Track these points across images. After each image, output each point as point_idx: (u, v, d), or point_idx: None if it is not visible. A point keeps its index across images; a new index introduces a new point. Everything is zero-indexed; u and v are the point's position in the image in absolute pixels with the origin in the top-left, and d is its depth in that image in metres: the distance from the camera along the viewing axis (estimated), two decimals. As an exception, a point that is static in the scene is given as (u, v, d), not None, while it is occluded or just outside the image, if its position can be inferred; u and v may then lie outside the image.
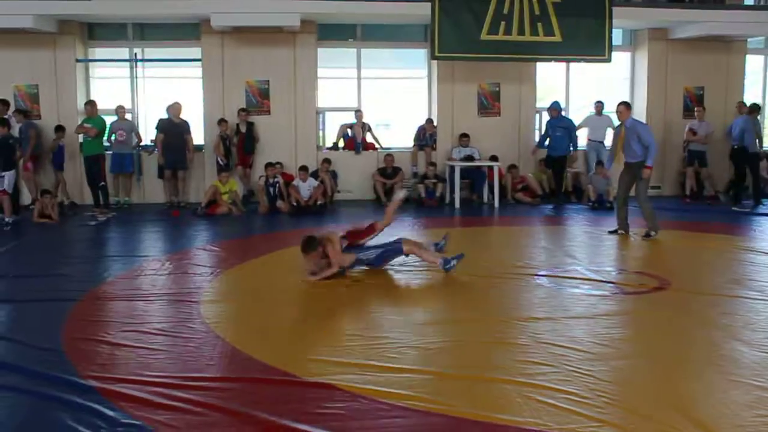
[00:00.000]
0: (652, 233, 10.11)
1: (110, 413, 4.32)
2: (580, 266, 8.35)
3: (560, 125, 13.89)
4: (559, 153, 13.87)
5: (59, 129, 13.34)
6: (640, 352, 5.47)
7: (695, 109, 14.67)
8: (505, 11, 13.32)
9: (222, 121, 13.71)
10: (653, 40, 14.98)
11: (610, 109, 14.80)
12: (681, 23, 14.28)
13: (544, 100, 15.16)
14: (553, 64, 14.81)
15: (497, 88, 14.74)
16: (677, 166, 15.09)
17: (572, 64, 15.04)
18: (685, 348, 5.62)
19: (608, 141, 14.48)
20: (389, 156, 14.20)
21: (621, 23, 14.32)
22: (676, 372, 5.03)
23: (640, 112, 15.24)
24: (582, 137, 14.78)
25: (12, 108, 12.99)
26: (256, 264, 8.25)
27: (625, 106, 10.44)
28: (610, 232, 10.45)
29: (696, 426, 4.10)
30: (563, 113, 14.54)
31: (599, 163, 13.81)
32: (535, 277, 7.85)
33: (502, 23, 13.35)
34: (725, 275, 8.08)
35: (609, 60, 13.93)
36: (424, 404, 4.41)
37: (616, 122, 14.84)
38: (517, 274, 7.96)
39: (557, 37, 13.48)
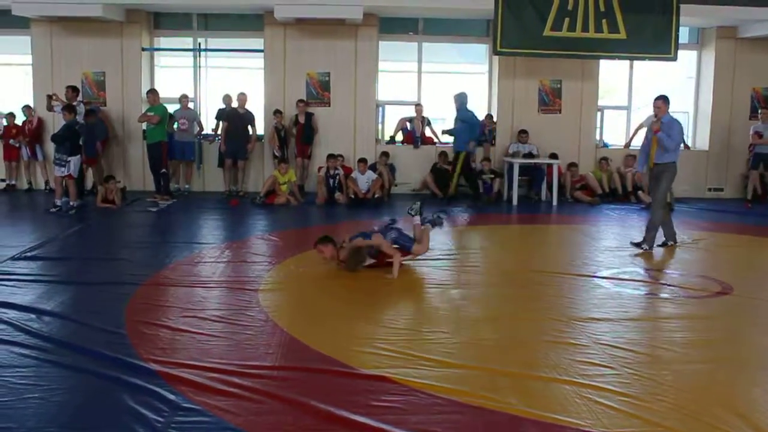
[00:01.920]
0: (644, 246, 9.21)
1: (171, 397, 4.40)
2: (640, 268, 8.23)
3: (461, 118, 13.18)
4: (456, 148, 13.28)
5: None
6: (701, 356, 5.35)
7: (759, 111, 14.29)
8: (570, 7, 13.15)
9: (277, 113, 13.81)
10: (721, 39, 14.64)
11: (674, 109, 14.58)
12: (751, 21, 13.91)
13: (605, 98, 14.97)
14: (616, 61, 14.58)
15: (559, 85, 14.58)
16: (741, 169, 14.73)
17: (636, 62, 14.77)
18: (746, 354, 5.51)
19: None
20: (442, 153, 14.12)
21: (688, 21, 14.01)
22: (738, 378, 4.93)
23: (705, 113, 14.97)
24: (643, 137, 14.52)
25: (80, 96, 13.27)
26: (314, 254, 8.30)
27: (662, 101, 9.41)
28: (659, 246, 9.47)
29: (759, 434, 4.03)
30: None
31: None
32: (594, 277, 7.75)
33: (566, 20, 13.18)
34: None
35: (675, 59, 13.66)
36: (481, 401, 4.40)
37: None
38: (576, 274, 7.87)
39: (622, 35, 13.24)
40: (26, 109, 13.93)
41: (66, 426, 4.07)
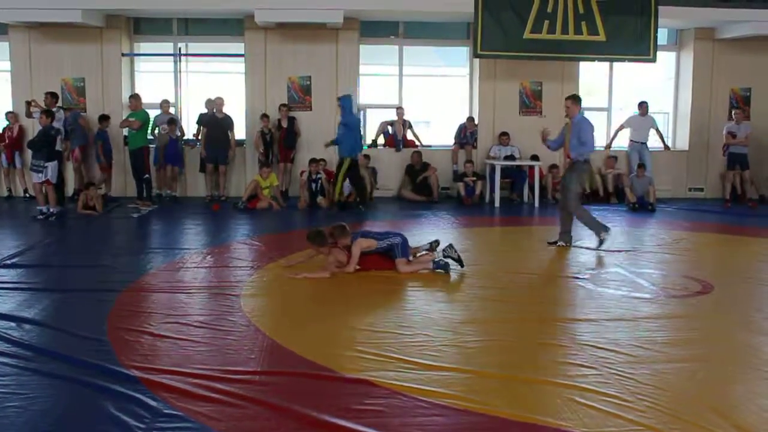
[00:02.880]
0: (602, 236, 9.24)
1: (152, 403, 4.38)
2: (621, 268, 8.27)
3: (345, 122, 12.60)
4: (340, 154, 12.67)
5: (171, 122, 13.56)
6: (682, 355, 5.38)
7: (732, 111, 14.42)
8: (549, 10, 13.21)
9: (263, 117, 13.80)
10: (699, 40, 14.76)
11: (654, 110, 14.72)
12: (728, 23, 14.03)
13: (585, 100, 15.01)
14: (596, 63, 14.66)
15: (539, 87, 14.64)
16: (720, 169, 14.83)
17: (616, 64, 14.87)
18: (727, 352, 5.54)
19: (650, 142, 14.44)
20: (416, 153, 14.16)
21: (666, 22, 14.13)
22: (718, 376, 4.97)
23: (684, 113, 15.08)
24: (624, 138, 14.64)
25: (59, 101, 13.19)
26: (296, 259, 8.29)
27: (572, 101, 9.41)
28: (550, 244, 9.61)
29: (738, 431, 4.05)
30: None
31: (641, 165, 13.67)
32: (576, 278, 7.79)
33: (546, 22, 13.24)
34: (770, 280, 7.96)
35: (654, 60, 13.76)
36: (464, 403, 4.41)
37: (660, 123, 14.89)
38: (558, 275, 7.92)
39: (601, 37, 13.33)
40: (10, 115, 13.81)
41: (47, 434, 4.05)
